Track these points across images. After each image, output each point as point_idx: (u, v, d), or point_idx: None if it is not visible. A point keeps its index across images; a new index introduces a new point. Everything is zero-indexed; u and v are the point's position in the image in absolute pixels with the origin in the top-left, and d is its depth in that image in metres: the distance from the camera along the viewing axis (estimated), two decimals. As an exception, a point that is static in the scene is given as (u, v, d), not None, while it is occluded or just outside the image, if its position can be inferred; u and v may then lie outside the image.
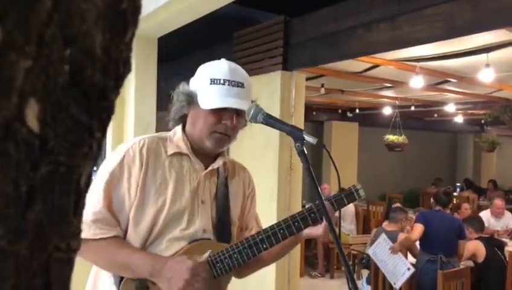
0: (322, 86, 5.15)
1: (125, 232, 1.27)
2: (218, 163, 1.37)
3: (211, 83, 1.29)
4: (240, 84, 1.30)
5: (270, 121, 1.27)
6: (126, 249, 1.25)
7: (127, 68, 0.25)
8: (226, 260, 1.26)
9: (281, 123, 1.27)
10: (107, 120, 0.24)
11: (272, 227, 1.29)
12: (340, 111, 8.40)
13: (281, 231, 1.28)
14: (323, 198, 1.21)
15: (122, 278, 1.25)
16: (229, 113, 1.29)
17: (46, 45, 0.18)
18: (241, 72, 1.35)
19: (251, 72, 3.90)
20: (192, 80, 1.36)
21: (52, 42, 0.18)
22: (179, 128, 1.37)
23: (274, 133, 3.49)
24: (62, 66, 0.19)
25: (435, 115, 8.39)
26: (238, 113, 1.30)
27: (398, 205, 5.69)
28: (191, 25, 3.38)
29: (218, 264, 1.26)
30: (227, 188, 1.40)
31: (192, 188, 1.31)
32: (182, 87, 1.34)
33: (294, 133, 1.23)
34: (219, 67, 1.31)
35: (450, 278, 3.51)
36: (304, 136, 1.21)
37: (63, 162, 0.21)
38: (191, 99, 1.31)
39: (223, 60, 1.36)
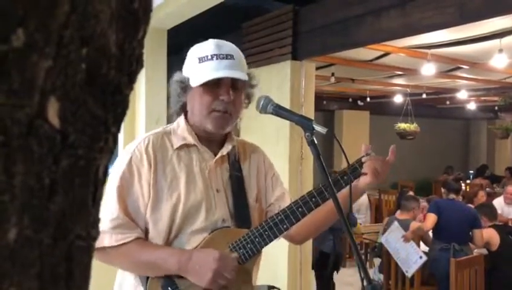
0: (332, 74, 5.13)
1: (146, 231, 1.27)
2: (227, 148, 1.35)
3: (199, 62, 1.26)
4: (229, 56, 1.26)
5: (279, 111, 1.28)
6: (149, 248, 1.25)
7: (139, 64, 0.26)
8: (249, 245, 1.26)
9: (290, 113, 1.28)
10: (121, 115, 0.25)
11: (289, 206, 1.28)
12: (350, 100, 8.36)
13: (299, 209, 1.27)
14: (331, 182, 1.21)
15: (147, 278, 1.25)
16: (224, 88, 1.26)
17: (65, 45, 0.19)
18: (229, 46, 1.30)
19: (261, 63, 3.91)
20: (183, 67, 1.34)
21: (70, 43, 0.20)
22: (181, 118, 1.35)
23: (284, 123, 3.49)
24: (79, 65, 0.21)
25: (447, 102, 8.31)
26: (235, 87, 1.28)
27: (410, 193, 5.67)
28: (200, 16, 3.38)
29: (241, 250, 1.26)
30: (241, 171, 1.38)
31: (204, 178, 1.30)
32: (175, 76, 1.33)
33: (303, 123, 1.23)
34: (205, 46, 1.29)
35: (463, 266, 3.50)
36: (314, 125, 1.22)
37: (82, 155, 0.22)
38: (184, 84, 1.30)
39: (209, 39, 1.32)
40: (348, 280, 5.51)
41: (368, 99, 7.81)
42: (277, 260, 3.42)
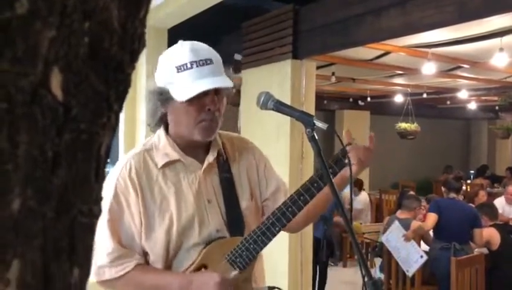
0: (333, 74, 5.13)
1: (145, 254, 1.28)
2: (213, 154, 1.32)
3: (178, 71, 1.20)
4: (208, 62, 1.21)
5: (280, 107, 1.28)
6: (151, 273, 1.27)
7: (141, 44, 0.26)
8: (244, 253, 1.26)
9: (291, 109, 1.28)
10: (123, 93, 0.25)
11: (279, 208, 1.27)
12: (351, 100, 8.36)
13: (289, 209, 1.27)
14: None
15: None
16: (209, 98, 1.22)
17: (68, 15, 0.19)
18: (204, 49, 1.25)
19: (261, 62, 3.91)
20: (156, 74, 1.27)
21: (73, 13, 0.20)
22: (161, 132, 1.31)
23: (285, 121, 3.49)
24: (82, 38, 0.21)
25: (448, 102, 8.31)
26: (218, 92, 1.25)
27: (411, 193, 5.67)
28: (201, 15, 3.38)
29: (238, 259, 1.26)
30: (231, 172, 1.36)
31: (195, 191, 1.28)
32: (150, 86, 1.27)
33: (304, 118, 1.24)
34: (180, 52, 1.22)
35: (463, 265, 3.50)
36: (315, 121, 1.22)
37: (84, 129, 0.22)
38: (164, 96, 1.23)
39: (180, 42, 1.27)
40: (348, 280, 5.51)
41: (369, 99, 7.81)
42: (277, 258, 3.42)
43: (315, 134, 1.23)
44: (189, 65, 1.19)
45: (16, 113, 0.19)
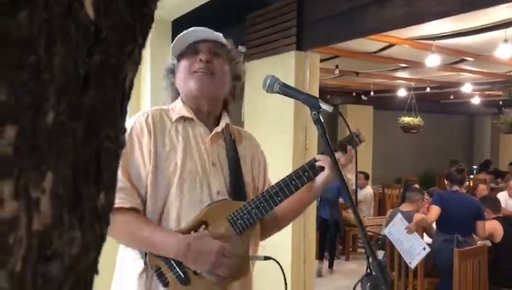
0: (336, 67, 5.13)
1: (144, 204, 1.26)
2: (221, 125, 1.38)
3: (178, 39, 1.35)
4: (203, 28, 1.36)
5: (286, 90, 1.29)
6: (150, 225, 1.24)
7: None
8: (246, 216, 1.28)
9: (297, 92, 1.29)
10: (147, 27, 0.26)
11: (283, 180, 1.30)
12: (354, 94, 8.35)
13: (293, 182, 1.30)
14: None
15: (145, 254, 1.25)
16: (202, 51, 1.33)
17: None
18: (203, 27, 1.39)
19: (265, 54, 3.91)
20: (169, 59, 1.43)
21: None
22: (178, 100, 1.40)
23: (288, 113, 3.50)
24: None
25: (451, 97, 8.28)
26: (216, 52, 1.35)
27: (416, 186, 5.68)
28: (205, 7, 3.38)
29: (239, 221, 1.28)
30: (237, 151, 1.41)
31: (201, 152, 1.32)
32: (164, 71, 1.43)
33: (310, 101, 1.25)
34: (181, 33, 1.37)
35: (466, 257, 3.50)
36: (320, 104, 1.23)
37: (113, 54, 0.23)
38: (172, 68, 1.39)
39: None
40: (350, 273, 5.52)
41: (372, 93, 7.80)
42: (280, 251, 3.43)
43: (321, 117, 1.24)
44: (184, 33, 1.34)
45: (53, 24, 0.19)
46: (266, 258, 1.37)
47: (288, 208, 1.37)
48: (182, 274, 1.23)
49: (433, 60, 4.24)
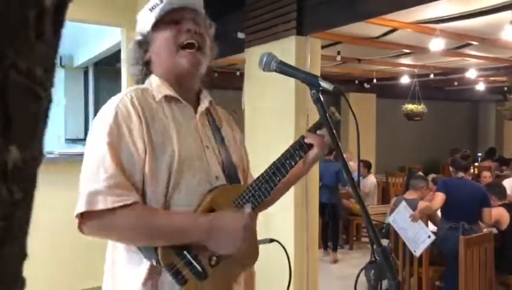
0: (338, 53, 5.03)
1: (142, 195, 1.14)
2: (205, 103, 1.29)
3: (151, 11, 1.22)
4: None
5: (284, 68, 1.22)
6: (163, 213, 1.13)
7: None
8: (251, 199, 1.22)
9: (295, 70, 1.22)
10: None
11: (278, 160, 1.27)
12: (357, 82, 8.24)
13: (287, 161, 1.27)
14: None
15: (155, 249, 1.10)
16: (185, 20, 1.21)
17: None
18: None
19: (265, 39, 3.82)
20: (136, 31, 1.29)
21: None
22: (152, 77, 1.26)
23: (290, 101, 3.42)
24: None
25: (455, 84, 8.17)
26: (197, 22, 1.23)
27: (420, 173, 5.62)
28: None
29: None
30: (220, 132, 1.33)
31: (193, 134, 1.23)
32: (130, 45, 1.29)
33: (309, 79, 1.18)
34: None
35: (472, 244, 3.44)
36: (320, 82, 1.16)
37: None
38: (144, 40, 1.25)
39: None
40: (354, 262, 5.48)
41: (375, 81, 7.69)
42: (282, 239, 3.37)
43: (321, 96, 1.17)
44: (159, 1, 1.21)
45: None
46: (271, 240, 1.34)
47: (280, 185, 1.31)
48: (199, 268, 1.12)
49: (437, 44, 4.14)
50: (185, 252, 1.12)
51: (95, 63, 6.26)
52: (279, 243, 1.31)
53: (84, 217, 1.06)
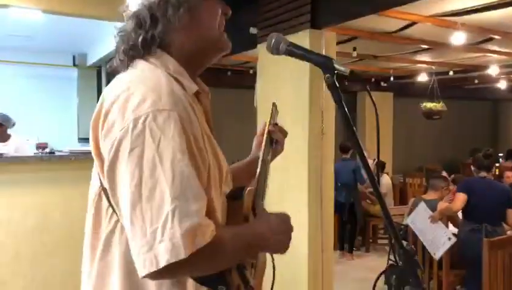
0: (354, 49, 4.89)
1: None
2: (207, 96, 1.09)
3: None
4: None
5: (294, 50, 1.10)
6: (233, 229, 0.96)
7: None
8: (266, 188, 1.16)
9: (307, 52, 1.10)
10: None
11: (264, 155, 1.20)
12: (373, 80, 8.06)
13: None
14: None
15: (221, 274, 0.90)
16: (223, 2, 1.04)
17: None
18: None
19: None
20: None
21: None
22: (165, 56, 0.97)
23: (303, 95, 3.30)
24: None
25: (475, 81, 7.92)
26: None
27: (443, 173, 5.48)
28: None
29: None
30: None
31: (212, 133, 1.04)
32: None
33: (323, 62, 1.06)
34: None
35: (496, 246, 3.26)
36: (335, 65, 1.05)
37: None
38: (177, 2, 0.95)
39: None
40: (370, 265, 5.35)
41: (392, 79, 7.50)
42: (297, 242, 3.26)
43: (335, 80, 1.06)
44: None
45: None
46: None
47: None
48: (251, 282, 0.99)
49: (457, 38, 3.98)
50: (243, 269, 0.98)
51: (107, 61, 6.23)
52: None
53: (172, 265, 0.78)
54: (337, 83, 1.04)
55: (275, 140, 1.26)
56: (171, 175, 0.80)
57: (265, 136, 1.23)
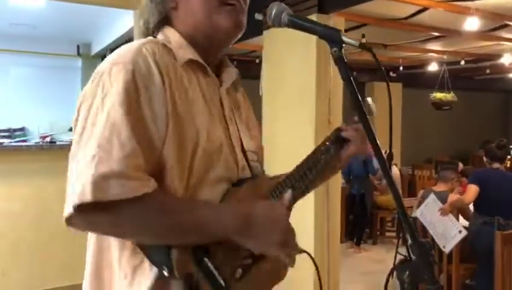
0: (363, 36, 4.75)
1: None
2: (231, 74, 1.06)
3: None
4: None
5: (297, 21, 1.00)
6: (186, 201, 0.89)
7: None
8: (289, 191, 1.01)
9: (311, 23, 1.00)
10: None
11: (313, 154, 1.06)
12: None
13: (323, 157, 1.07)
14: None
15: (168, 253, 0.84)
16: None
17: None
18: None
19: (284, 20, 3.58)
20: None
21: None
22: (169, 30, 0.99)
23: (310, 82, 3.19)
24: None
25: (487, 71, 7.73)
26: None
27: (460, 164, 5.39)
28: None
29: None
30: (241, 113, 1.10)
31: (219, 112, 1.00)
32: None
33: (329, 34, 0.96)
34: None
35: (509, 240, 3.15)
36: (343, 37, 0.94)
37: None
38: None
39: None
40: (379, 258, 5.27)
41: (401, 69, 7.34)
42: (302, 232, 3.16)
43: (344, 54, 0.95)
44: None
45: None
46: (300, 251, 1.08)
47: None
48: (222, 282, 0.88)
49: (471, 24, 3.83)
50: (205, 259, 0.87)
51: (111, 50, 6.15)
52: (309, 255, 1.04)
53: (83, 209, 0.78)
54: (345, 57, 0.94)
55: (345, 139, 1.10)
56: (103, 125, 0.82)
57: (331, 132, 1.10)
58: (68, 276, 3.48)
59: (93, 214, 0.79)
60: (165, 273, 0.84)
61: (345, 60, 0.93)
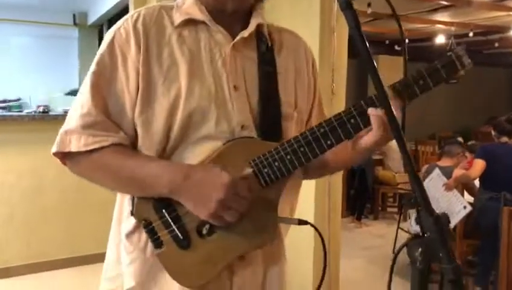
0: (369, 5, 4.56)
1: (133, 140, 0.96)
2: (251, 28, 0.98)
3: None
4: None
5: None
6: (132, 159, 0.93)
7: None
8: (276, 163, 0.90)
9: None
10: None
11: (338, 116, 0.90)
12: (387, 42, 7.69)
13: (352, 121, 0.90)
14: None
15: (133, 199, 0.96)
16: None
17: None
18: None
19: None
20: None
21: None
22: None
23: (313, 53, 3.05)
24: None
25: (496, 45, 7.53)
26: None
27: (459, 139, 5.27)
28: None
29: (266, 169, 0.91)
30: (274, 64, 1.00)
31: (216, 69, 0.95)
32: None
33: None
34: None
35: (516, 216, 3.07)
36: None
37: None
38: None
39: None
40: (379, 233, 5.25)
41: (407, 41, 7.14)
42: (301, 207, 3.08)
43: (352, 1, 0.83)
44: None
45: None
46: (301, 222, 1.02)
47: (339, 156, 1.04)
48: (179, 234, 0.92)
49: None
50: (163, 210, 0.93)
51: (109, 20, 5.97)
52: (314, 226, 1.01)
53: (63, 157, 0.97)
54: (352, 4, 0.81)
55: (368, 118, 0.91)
56: (83, 85, 0.96)
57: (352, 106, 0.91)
58: (66, 248, 3.43)
59: (68, 162, 0.97)
60: (130, 214, 0.97)
61: (353, 7, 0.81)
